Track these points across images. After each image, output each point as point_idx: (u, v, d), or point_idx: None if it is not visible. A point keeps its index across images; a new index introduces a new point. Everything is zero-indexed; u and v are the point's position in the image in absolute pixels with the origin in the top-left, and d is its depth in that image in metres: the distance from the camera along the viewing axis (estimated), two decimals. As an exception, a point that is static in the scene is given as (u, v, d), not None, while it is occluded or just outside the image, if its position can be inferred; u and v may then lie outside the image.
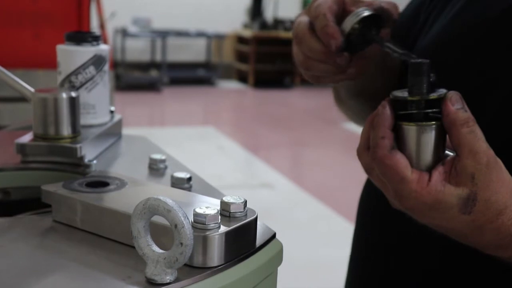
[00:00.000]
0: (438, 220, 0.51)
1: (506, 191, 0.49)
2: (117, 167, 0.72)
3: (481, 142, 0.48)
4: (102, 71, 0.76)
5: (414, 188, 0.49)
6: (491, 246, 0.52)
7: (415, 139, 0.50)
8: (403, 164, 0.49)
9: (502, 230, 0.50)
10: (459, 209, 0.49)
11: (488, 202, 0.49)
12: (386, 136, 0.50)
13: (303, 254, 3.01)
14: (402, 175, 0.49)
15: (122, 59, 7.59)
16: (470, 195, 0.48)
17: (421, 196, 0.49)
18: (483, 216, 0.49)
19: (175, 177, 0.62)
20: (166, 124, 6.26)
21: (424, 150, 0.50)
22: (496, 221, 0.49)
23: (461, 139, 0.48)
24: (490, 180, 0.48)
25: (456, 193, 0.49)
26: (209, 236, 0.45)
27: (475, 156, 0.48)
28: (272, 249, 0.51)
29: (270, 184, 4.12)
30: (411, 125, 0.50)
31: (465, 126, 0.48)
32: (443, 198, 0.49)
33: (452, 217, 0.49)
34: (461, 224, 0.50)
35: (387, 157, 0.49)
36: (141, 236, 0.43)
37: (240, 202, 0.48)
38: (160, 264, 0.43)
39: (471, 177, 0.48)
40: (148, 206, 0.43)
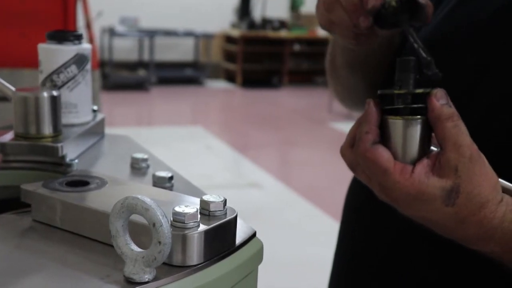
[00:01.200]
0: (422, 212, 0.51)
1: (489, 184, 0.50)
2: (99, 166, 0.71)
3: (464, 136, 0.50)
4: (84, 70, 0.76)
5: (397, 179, 0.50)
6: (473, 239, 0.52)
7: (401, 133, 0.51)
8: (385, 156, 0.50)
9: (485, 223, 0.50)
10: (443, 200, 0.49)
11: (471, 195, 0.49)
12: (370, 132, 0.51)
13: (290, 253, 3.02)
14: (385, 167, 0.50)
15: (109, 59, 7.56)
16: (453, 187, 0.49)
17: (404, 187, 0.50)
18: (466, 209, 0.50)
19: (157, 176, 0.62)
20: (154, 124, 6.24)
21: (410, 144, 0.51)
22: (478, 214, 0.50)
23: (445, 133, 0.49)
24: (473, 173, 0.49)
25: (439, 185, 0.49)
26: (188, 235, 0.45)
27: (458, 149, 0.49)
28: (252, 248, 0.51)
29: (258, 184, 4.13)
30: (398, 119, 0.51)
31: (449, 121, 0.49)
32: (426, 189, 0.49)
33: (435, 209, 0.50)
34: (444, 217, 0.51)
35: (369, 150, 0.50)
36: (120, 235, 0.43)
37: (219, 201, 0.48)
38: (138, 263, 0.43)
39: (455, 170, 0.49)
40: (126, 205, 0.42)
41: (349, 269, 0.78)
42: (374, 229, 0.73)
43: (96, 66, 3.02)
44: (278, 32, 8.27)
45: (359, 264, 0.75)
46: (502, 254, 0.53)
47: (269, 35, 8.21)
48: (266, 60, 8.32)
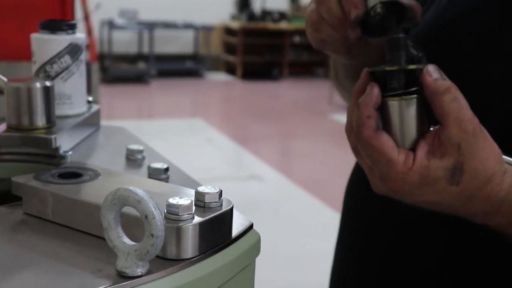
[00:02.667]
0: (427, 196, 0.49)
1: (493, 157, 0.49)
2: (93, 158, 0.70)
3: (465, 110, 0.47)
4: (78, 60, 0.75)
5: (401, 169, 0.48)
6: (480, 214, 0.51)
7: (399, 114, 0.49)
8: (390, 145, 0.48)
9: (492, 196, 0.49)
10: (447, 180, 0.48)
11: (476, 171, 0.48)
12: (372, 116, 0.48)
13: (291, 245, 3.01)
14: (389, 157, 0.48)
15: (109, 51, 7.53)
16: (456, 165, 0.47)
17: (408, 176, 0.48)
18: (472, 186, 0.48)
19: (152, 168, 0.61)
20: (154, 117, 6.23)
21: (408, 125, 0.49)
22: (485, 189, 0.48)
23: (444, 107, 0.47)
24: (477, 149, 0.47)
25: (442, 166, 0.48)
26: (182, 227, 0.44)
27: (460, 124, 0.47)
28: (249, 240, 0.50)
29: (258, 176, 4.11)
30: (395, 100, 0.49)
31: (447, 93, 0.47)
32: (429, 173, 0.48)
33: (441, 190, 0.48)
34: (450, 196, 0.49)
35: (373, 138, 0.48)
36: (112, 228, 0.42)
37: (215, 192, 0.47)
38: (131, 257, 0.41)
39: (457, 147, 0.47)
40: (118, 196, 0.41)
41: (351, 264, 0.77)
42: (377, 220, 0.72)
43: (95, 59, 3.00)
44: (278, 24, 8.23)
45: (362, 257, 0.74)
46: (507, 226, 0.51)
47: (269, 27, 8.17)
48: (266, 52, 8.29)
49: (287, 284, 2.65)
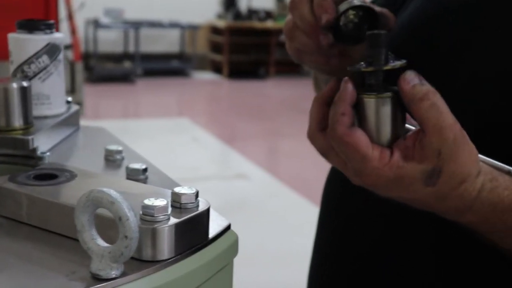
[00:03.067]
0: (402, 193, 0.50)
1: (471, 160, 0.49)
2: (72, 159, 0.69)
3: (445, 116, 0.47)
4: (56, 60, 0.74)
5: (376, 165, 0.48)
6: (452, 211, 0.51)
7: (375, 111, 0.49)
8: (364, 141, 0.48)
9: (465, 195, 0.49)
10: (423, 182, 0.48)
11: (454, 174, 0.48)
12: (346, 113, 0.48)
13: (278, 244, 3.01)
14: (364, 153, 0.48)
15: (94, 51, 7.48)
16: (435, 169, 0.48)
17: (383, 172, 0.48)
18: (447, 186, 0.49)
19: (130, 168, 0.61)
20: (141, 116, 6.20)
21: (384, 123, 0.49)
22: (459, 188, 0.49)
23: (422, 114, 0.47)
24: (457, 155, 0.48)
25: (419, 169, 0.48)
26: (158, 228, 0.44)
27: (440, 131, 0.47)
28: (226, 241, 0.49)
29: (245, 175, 4.11)
30: (371, 97, 0.48)
31: (424, 100, 0.47)
32: (405, 173, 0.48)
33: (415, 190, 0.49)
34: (425, 195, 0.49)
35: (348, 134, 0.48)
36: (85, 230, 0.42)
37: (191, 193, 0.47)
38: (105, 259, 0.41)
39: (438, 153, 0.47)
40: (92, 198, 0.41)
41: (328, 260, 0.77)
42: (355, 218, 0.72)
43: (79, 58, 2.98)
44: (264, 23, 8.23)
45: (338, 255, 0.74)
46: (478, 224, 0.52)
47: (255, 25, 8.17)
48: (252, 51, 8.29)
49: (273, 283, 2.65)
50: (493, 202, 0.50)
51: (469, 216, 0.51)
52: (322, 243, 0.79)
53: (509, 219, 0.51)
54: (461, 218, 0.52)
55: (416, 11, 0.67)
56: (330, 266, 0.76)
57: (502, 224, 0.51)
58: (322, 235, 0.79)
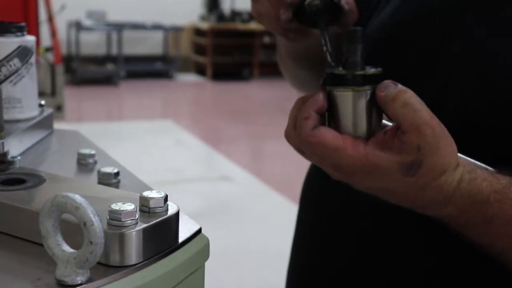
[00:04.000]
0: (380, 183, 0.50)
1: (451, 153, 0.50)
2: (44, 163, 0.69)
3: (420, 113, 0.48)
4: (28, 63, 0.73)
5: (351, 153, 0.48)
6: (432, 204, 0.52)
7: (352, 105, 0.49)
8: (330, 136, 0.49)
9: (445, 187, 0.50)
10: (402, 173, 0.49)
11: (434, 165, 0.49)
12: (309, 117, 0.49)
13: (262, 245, 3.01)
14: (334, 146, 0.48)
15: (76, 53, 7.43)
16: (415, 162, 0.48)
17: (359, 160, 0.48)
18: (427, 177, 0.49)
19: (102, 172, 0.60)
20: (124, 118, 6.16)
21: (360, 117, 0.49)
22: (439, 179, 0.49)
23: (397, 114, 0.48)
24: (437, 148, 0.48)
25: (397, 160, 0.48)
26: (125, 233, 0.43)
27: (418, 128, 0.47)
28: (196, 245, 0.49)
29: (229, 177, 4.10)
30: (347, 90, 0.49)
31: (396, 100, 0.48)
32: (382, 162, 0.48)
33: (394, 179, 0.49)
34: (404, 185, 0.50)
35: (311, 135, 0.49)
36: (50, 235, 0.41)
37: (160, 197, 0.46)
38: (70, 265, 0.40)
39: (417, 149, 0.48)
40: (56, 203, 0.40)
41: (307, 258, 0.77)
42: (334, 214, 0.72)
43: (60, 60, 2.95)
44: (247, 24, 8.23)
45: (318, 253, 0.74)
46: (458, 217, 0.52)
47: (238, 27, 8.16)
48: (236, 53, 8.28)
49: (258, 284, 2.65)
50: (472, 193, 0.51)
51: (449, 209, 0.51)
52: (301, 240, 0.79)
53: (488, 210, 0.51)
54: (442, 211, 0.52)
55: (394, 13, 0.68)
56: (309, 263, 0.76)
57: (481, 216, 0.51)
58: (301, 232, 0.79)
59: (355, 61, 0.50)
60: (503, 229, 0.52)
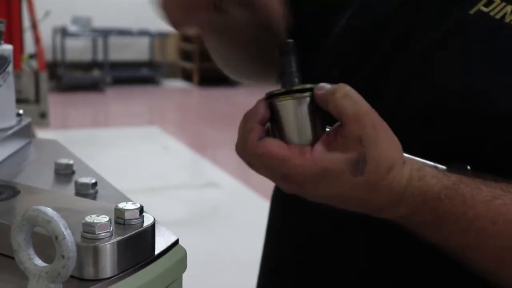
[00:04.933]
0: (332, 189, 0.50)
1: (393, 148, 0.50)
2: (20, 174, 0.68)
3: (360, 104, 0.49)
4: (5, 72, 0.72)
5: (298, 162, 0.48)
6: (385, 205, 0.51)
7: (293, 113, 0.50)
8: (275, 146, 0.49)
9: (394, 185, 0.50)
10: (350, 172, 0.48)
11: (378, 161, 0.49)
12: (254, 129, 0.50)
13: (249, 252, 3.00)
14: (281, 156, 0.48)
15: (62, 59, 7.39)
16: (359, 157, 0.48)
17: (307, 168, 0.48)
18: (375, 175, 0.49)
19: (79, 183, 0.59)
20: (110, 125, 6.14)
21: (304, 123, 0.50)
22: (387, 177, 0.49)
23: (337, 105, 0.49)
24: (378, 140, 0.48)
25: (344, 158, 0.48)
26: (99, 246, 0.42)
27: (358, 118, 0.48)
28: (173, 256, 0.48)
29: (216, 184, 4.10)
30: (287, 99, 0.50)
31: (337, 92, 0.49)
32: (330, 165, 0.48)
33: (344, 182, 0.49)
34: (355, 188, 0.49)
35: (257, 146, 0.49)
36: (22, 249, 0.40)
37: (135, 209, 0.46)
38: (42, 279, 0.40)
39: (359, 140, 0.48)
40: (27, 217, 0.40)
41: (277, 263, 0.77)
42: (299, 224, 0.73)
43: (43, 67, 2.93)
44: (234, 30, 8.24)
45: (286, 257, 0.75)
46: (411, 216, 0.52)
47: (225, 33, 8.17)
48: (222, 59, 8.28)
49: (244, 292, 2.64)
50: (423, 191, 0.51)
51: (402, 209, 0.51)
52: (269, 238, 0.82)
53: (439, 207, 0.51)
54: (395, 212, 0.52)
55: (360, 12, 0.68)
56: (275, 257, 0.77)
57: (432, 214, 0.51)
58: (268, 233, 0.80)
59: (291, 72, 0.52)
60: (455, 225, 0.52)
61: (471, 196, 0.51)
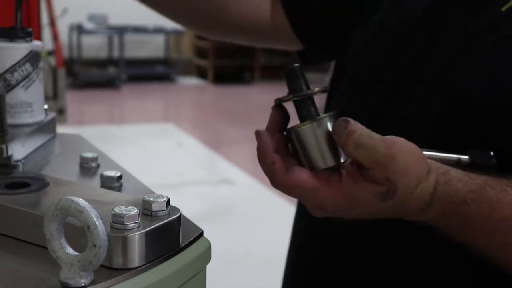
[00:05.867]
0: (363, 212, 0.51)
1: (419, 165, 0.50)
2: (47, 167, 0.69)
3: (374, 150, 0.47)
4: (38, 68, 0.74)
5: (328, 192, 0.49)
6: (414, 212, 0.52)
7: (312, 136, 0.49)
8: (305, 177, 0.49)
9: (423, 194, 0.50)
10: (380, 200, 0.49)
11: (408, 184, 0.49)
12: (275, 160, 0.50)
13: (264, 249, 3.01)
14: (311, 187, 0.49)
15: (78, 56, 7.45)
16: (389, 190, 0.49)
17: (337, 198, 0.49)
18: (404, 195, 0.49)
19: (104, 176, 0.61)
20: (126, 122, 6.17)
21: (324, 145, 0.49)
22: (415, 191, 0.50)
23: (354, 157, 0.48)
24: (406, 169, 0.48)
25: (371, 188, 0.49)
26: (128, 236, 0.44)
27: (378, 165, 0.47)
28: (198, 248, 0.50)
29: (230, 180, 4.11)
30: (306, 124, 0.50)
31: (347, 145, 0.48)
32: (358, 195, 0.49)
33: (375, 206, 0.50)
34: (386, 208, 0.50)
35: (287, 179, 0.49)
36: (54, 238, 0.42)
37: (162, 201, 0.47)
38: (74, 267, 0.41)
39: (386, 180, 0.48)
40: (60, 207, 0.41)
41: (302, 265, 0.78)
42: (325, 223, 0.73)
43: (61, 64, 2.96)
44: (249, 28, 8.24)
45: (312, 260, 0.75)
46: (438, 220, 0.53)
47: (240, 30, 8.17)
48: (237, 56, 8.29)
49: (261, 286, 2.65)
50: (449, 195, 0.51)
51: (430, 214, 0.52)
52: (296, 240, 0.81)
53: (465, 211, 0.52)
54: (424, 216, 0.53)
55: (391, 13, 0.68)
56: (305, 264, 0.77)
57: (459, 217, 0.52)
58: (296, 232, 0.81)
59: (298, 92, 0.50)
60: (481, 228, 0.52)
61: (496, 199, 0.52)
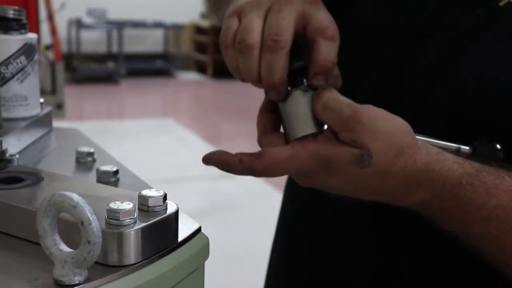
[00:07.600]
0: (343, 180, 0.49)
1: (398, 132, 0.48)
2: (42, 161, 0.68)
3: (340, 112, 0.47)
4: (33, 60, 0.72)
5: (305, 154, 0.48)
6: (401, 191, 0.50)
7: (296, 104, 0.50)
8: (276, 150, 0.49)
9: (407, 169, 0.48)
10: (356, 165, 0.48)
11: (384, 149, 0.47)
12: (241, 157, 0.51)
13: (264, 244, 3.00)
14: (287, 155, 0.48)
15: (77, 51, 7.43)
16: (362, 153, 0.47)
17: (313, 158, 0.48)
18: (383, 163, 0.48)
19: (101, 171, 0.59)
20: (125, 117, 6.16)
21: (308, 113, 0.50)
22: (398, 162, 0.48)
23: (322, 119, 0.49)
24: (376, 132, 0.47)
25: (346, 151, 0.48)
26: (123, 232, 0.42)
27: (343, 127, 0.47)
28: (196, 244, 0.48)
29: (230, 176, 4.08)
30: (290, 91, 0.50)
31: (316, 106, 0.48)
32: (333, 157, 0.48)
33: (353, 174, 0.48)
34: (366, 178, 0.49)
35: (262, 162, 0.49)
36: (48, 235, 0.40)
37: (159, 196, 0.46)
38: (68, 264, 0.40)
39: (353, 141, 0.48)
40: (53, 202, 0.40)
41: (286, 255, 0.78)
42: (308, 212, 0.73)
43: (60, 58, 2.95)
44: (248, 22, 8.21)
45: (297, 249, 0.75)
46: (430, 202, 0.50)
47: (239, 25, 8.15)
48: (237, 51, 8.26)
49: (259, 283, 2.65)
50: (442, 175, 0.49)
51: (421, 194, 0.50)
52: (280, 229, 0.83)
53: (460, 193, 0.49)
54: (413, 197, 0.50)
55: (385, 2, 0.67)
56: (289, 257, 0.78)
57: (453, 199, 0.50)
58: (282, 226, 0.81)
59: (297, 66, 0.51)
60: (476, 214, 0.50)
61: (493, 185, 0.50)
